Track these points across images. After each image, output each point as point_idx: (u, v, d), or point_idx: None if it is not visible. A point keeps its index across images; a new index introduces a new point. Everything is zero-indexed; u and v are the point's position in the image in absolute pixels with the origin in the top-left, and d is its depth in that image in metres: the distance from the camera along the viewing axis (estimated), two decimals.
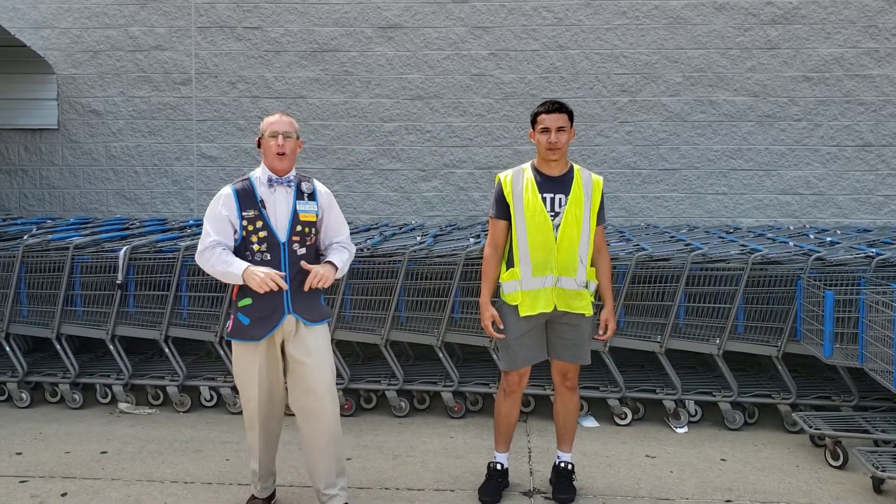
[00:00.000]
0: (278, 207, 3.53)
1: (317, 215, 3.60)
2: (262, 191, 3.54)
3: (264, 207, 3.51)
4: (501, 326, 3.83)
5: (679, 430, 5.06)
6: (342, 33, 8.36)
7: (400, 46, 8.34)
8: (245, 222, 3.50)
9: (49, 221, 7.03)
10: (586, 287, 3.83)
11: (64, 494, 4.01)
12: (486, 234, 6.06)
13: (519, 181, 3.83)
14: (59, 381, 5.48)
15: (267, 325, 3.50)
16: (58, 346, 5.48)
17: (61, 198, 8.66)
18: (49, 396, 5.57)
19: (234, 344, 3.61)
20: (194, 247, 5.41)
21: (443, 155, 8.37)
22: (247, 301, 3.50)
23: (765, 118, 8.10)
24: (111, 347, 5.44)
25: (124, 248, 5.35)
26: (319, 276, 3.46)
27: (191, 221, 7.40)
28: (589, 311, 3.85)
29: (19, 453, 4.59)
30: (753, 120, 8.11)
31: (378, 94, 8.38)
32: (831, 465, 4.43)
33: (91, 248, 5.53)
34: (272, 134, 3.52)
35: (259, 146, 3.61)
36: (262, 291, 3.34)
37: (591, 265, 3.88)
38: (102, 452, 4.62)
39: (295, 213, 3.53)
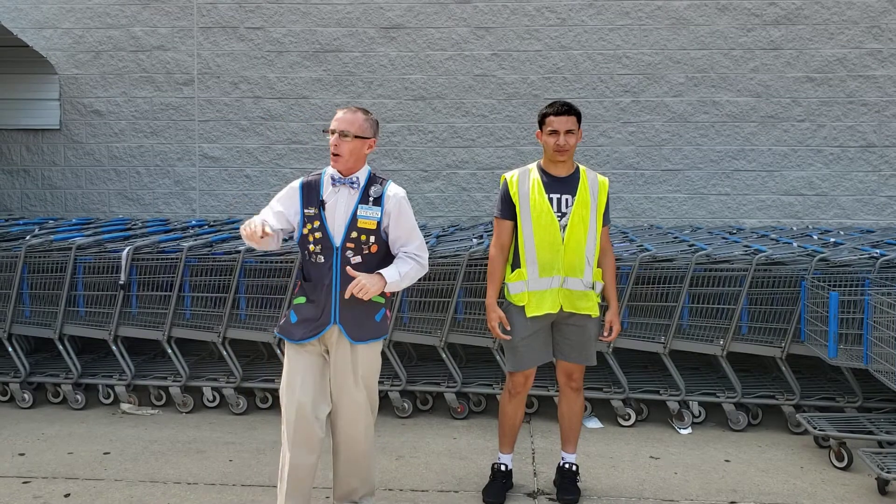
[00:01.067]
0: (338, 209, 3.34)
1: (378, 222, 3.35)
2: (326, 189, 3.37)
3: (323, 207, 3.34)
4: (508, 328, 3.82)
5: (683, 432, 5.05)
6: (344, 34, 8.36)
7: (402, 47, 8.33)
8: (305, 219, 3.36)
9: (51, 222, 7.03)
10: (592, 288, 3.82)
11: (67, 495, 4.00)
12: (489, 235, 6.05)
13: (525, 181, 3.83)
14: (62, 381, 5.47)
15: (311, 328, 3.33)
16: (60, 347, 5.47)
17: (63, 198, 8.65)
18: (51, 397, 5.56)
19: (286, 347, 3.43)
20: (197, 247, 5.44)
21: (445, 155, 8.36)
22: (301, 300, 3.39)
23: (768, 119, 8.09)
24: (114, 348, 5.44)
25: (127, 248, 5.35)
26: (360, 285, 3.16)
27: (193, 222, 7.40)
28: (595, 312, 3.84)
29: (22, 454, 4.58)
30: (756, 121, 8.10)
31: (380, 95, 8.37)
32: (836, 467, 4.42)
33: (93, 249, 5.53)
34: (330, 132, 3.34)
35: None
36: (246, 239, 3.17)
37: (597, 266, 3.87)
38: (105, 453, 4.61)
39: (353, 218, 3.32)
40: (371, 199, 3.36)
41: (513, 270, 3.84)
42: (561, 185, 3.80)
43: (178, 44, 8.47)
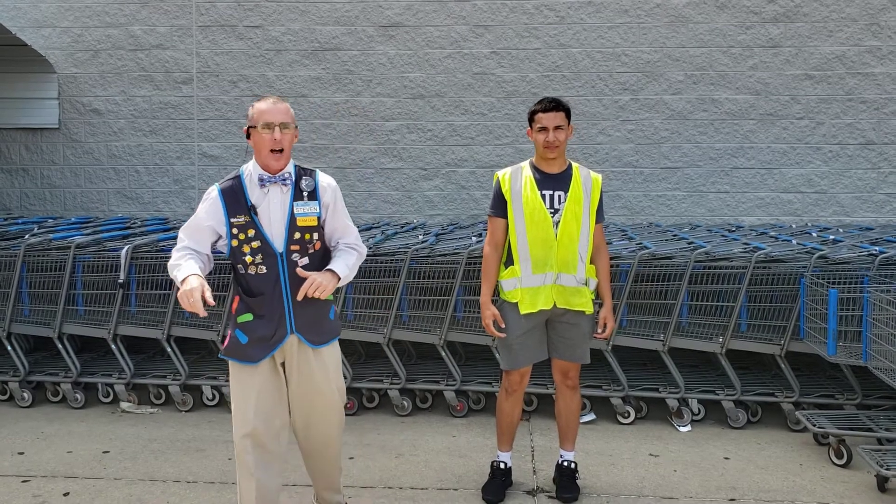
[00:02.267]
0: (273, 211, 3.06)
1: (318, 217, 3.12)
2: (252, 192, 3.08)
3: (255, 213, 3.04)
4: (503, 325, 3.82)
5: (682, 429, 5.05)
6: (343, 32, 8.35)
7: (401, 45, 8.33)
8: (235, 230, 3.04)
9: (50, 221, 7.03)
10: (586, 284, 3.82)
11: (66, 494, 4.00)
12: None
13: (518, 179, 3.83)
14: (61, 380, 5.47)
15: (266, 346, 3.08)
16: (59, 346, 5.47)
17: (62, 197, 8.65)
18: (51, 396, 5.56)
19: (231, 366, 3.16)
20: None
21: (444, 154, 8.36)
22: (247, 317, 3.10)
23: (767, 116, 8.09)
24: (113, 347, 5.44)
25: (126, 247, 5.35)
26: (316, 284, 2.96)
27: None
28: (589, 309, 3.84)
29: (21, 453, 4.58)
30: (755, 118, 8.10)
31: (379, 93, 8.37)
32: (835, 464, 4.42)
33: (93, 248, 5.53)
34: (266, 125, 3.04)
35: (248, 137, 3.13)
36: (182, 304, 2.85)
37: (591, 263, 3.87)
38: (104, 452, 4.61)
39: (292, 218, 3.07)
40: (305, 193, 3.11)
41: (506, 268, 3.84)
42: (553, 181, 3.80)
43: (177, 42, 8.46)
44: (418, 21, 8.30)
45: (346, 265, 3.13)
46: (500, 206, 3.85)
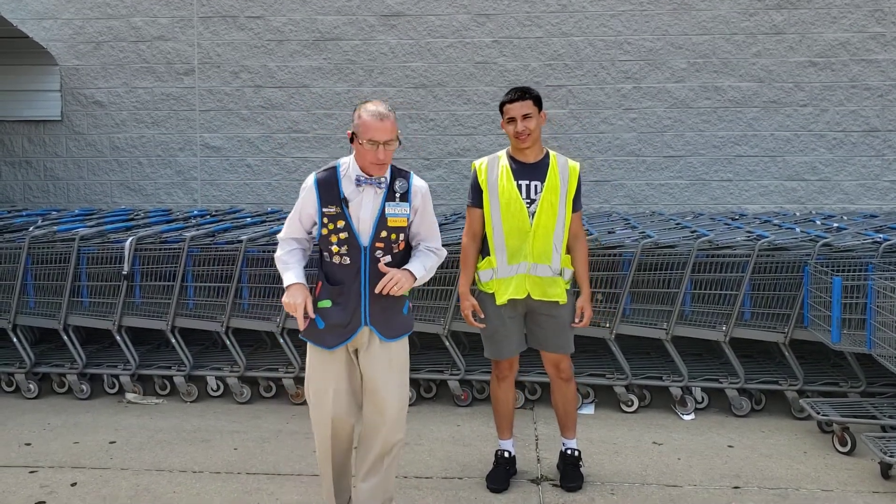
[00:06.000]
0: (364, 208, 3.14)
1: (408, 219, 3.20)
2: (347, 186, 3.15)
3: (347, 206, 3.12)
4: (482, 315, 3.83)
5: (686, 417, 5.06)
6: (344, 22, 8.33)
7: (403, 34, 8.30)
8: (325, 219, 3.14)
9: (54, 213, 7.05)
10: (561, 275, 3.81)
11: (74, 484, 4.03)
12: None
13: (494, 169, 3.81)
14: (67, 371, 5.50)
15: (341, 334, 3.18)
16: (65, 337, 5.49)
17: (65, 189, 8.66)
18: (57, 387, 5.59)
19: (310, 349, 3.27)
20: (199, 237, 5.45)
21: (447, 143, 8.34)
22: (326, 303, 3.19)
23: (770, 104, 8.06)
24: (118, 338, 5.46)
25: (130, 238, 5.36)
26: (395, 280, 3.06)
27: (195, 212, 7.41)
28: (563, 299, 3.81)
29: (28, 444, 4.61)
30: (759, 106, 8.07)
31: (381, 83, 8.35)
32: (839, 451, 4.43)
33: (97, 239, 5.54)
34: (372, 143, 3.04)
35: (352, 140, 3.13)
36: (287, 311, 3.04)
37: (567, 252, 3.85)
38: (111, 442, 4.64)
39: (382, 217, 3.14)
40: (397, 195, 3.19)
41: (483, 258, 3.84)
42: (530, 171, 3.77)
43: (179, 34, 8.45)
44: (420, 10, 8.27)
45: (423, 266, 3.22)
46: (477, 196, 3.83)
